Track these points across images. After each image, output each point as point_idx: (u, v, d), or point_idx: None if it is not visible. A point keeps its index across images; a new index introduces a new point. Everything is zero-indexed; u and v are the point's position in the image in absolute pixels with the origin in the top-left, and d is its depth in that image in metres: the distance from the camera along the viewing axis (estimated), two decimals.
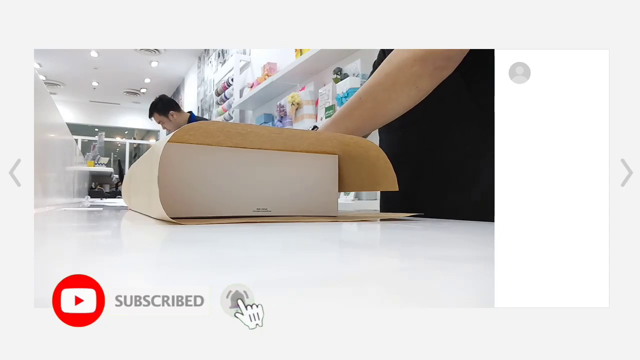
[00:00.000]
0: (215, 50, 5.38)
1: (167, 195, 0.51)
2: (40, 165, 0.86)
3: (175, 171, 0.52)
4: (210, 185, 0.55)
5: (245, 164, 0.58)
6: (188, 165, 0.53)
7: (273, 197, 0.60)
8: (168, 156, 0.51)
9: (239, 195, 0.57)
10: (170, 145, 0.52)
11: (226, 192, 0.56)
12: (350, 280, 0.20)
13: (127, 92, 8.49)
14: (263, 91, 3.24)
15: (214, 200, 0.55)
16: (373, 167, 0.65)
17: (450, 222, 0.60)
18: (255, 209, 0.58)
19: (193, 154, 0.54)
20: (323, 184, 0.65)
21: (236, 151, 0.57)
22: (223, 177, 0.56)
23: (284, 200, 0.61)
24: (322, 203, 0.64)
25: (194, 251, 0.28)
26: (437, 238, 0.41)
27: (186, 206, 0.53)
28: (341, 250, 0.32)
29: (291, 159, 0.62)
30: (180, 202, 0.53)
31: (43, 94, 0.96)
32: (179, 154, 0.53)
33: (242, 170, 0.58)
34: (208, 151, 0.55)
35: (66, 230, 0.43)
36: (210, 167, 0.55)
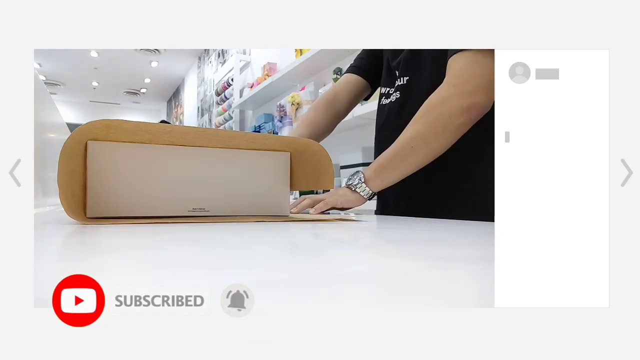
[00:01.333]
0: (215, 50, 5.38)
1: (95, 195, 0.49)
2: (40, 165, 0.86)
3: (101, 170, 0.50)
4: (140, 184, 0.52)
5: (178, 162, 0.55)
6: (114, 163, 0.51)
7: (212, 196, 0.57)
8: (93, 154, 0.50)
9: (172, 194, 0.54)
10: (94, 143, 0.50)
11: (157, 192, 0.53)
12: (350, 280, 0.20)
13: (127, 92, 8.49)
14: (263, 91, 3.24)
15: (144, 200, 0.52)
16: (317, 164, 0.63)
17: (450, 223, 0.60)
18: (190, 209, 0.55)
19: (120, 151, 0.51)
20: (272, 182, 0.62)
21: (168, 149, 0.54)
22: (153, 176, 0.53)
23: (226, 200, 0.58)
24: (271, 203, 0.61)
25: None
26: (437, 238, 0.41)
27: (115, 206, 0.51)
28: (333, 249, 0.32)
29: (234, 157, 0.59)
30: (106, 201, 0.50)
31: (43, 94, 0.96)
32: (103, 151, 0.50)
33: (175, 169, 0.55)
34: (137, 149, 0.52)
35: (66, 230, 0.43)
36: (139, 165, 0.52)
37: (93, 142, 0.50)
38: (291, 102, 2.67)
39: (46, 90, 1.06)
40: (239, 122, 4.10)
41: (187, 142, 0.56)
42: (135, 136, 0.52)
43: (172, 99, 8.55)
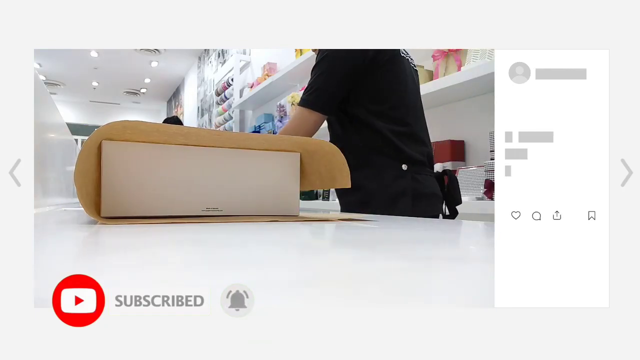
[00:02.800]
0: (215, 50, 5.38)
1: (110, 194, 0.49)
2: (40, 165, 0.86)
3: (116, 169, 0.51)
4: (154, 184, 0.53)
5: (192, 162, 0.55)
6: (129, 163, 0.51)
7: (225, 196, 0.57)
8: (107, 153, 0.50)
9: (185, 194, 0.54)
10: (107, 142, 0.50)
11: (171, 191, 0.53)
12: (350, 280, 0.20)
13: (127, 92, 8.49)
14: (263, 91, 3.24)
15: (158, 199, 0.53)
16: (330, 163, 0.63)
17: (450, 223, 0.60)
18: (204, 209, 0.56)
19: (134, 151, 0.52)
20: (283, 182, 0.62)
21: (183, 149, 0.55)
22: (168, 176, 0.54)
23: (238, 200, 0.58)
24: (281, 202, 0.62)
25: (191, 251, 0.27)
26: (437, 238, 0.41)
27: (129, 205, 0.51)
28: (334, 249, 0.32)
29: (246, 157, 0.59)
30: (123, 201, 0.50)
31: (43, 94, 0.96)
32: (117, 151, 0.51)
33: (189, 169, 0.55)
34: (152, 149, 0.53)
35: (66, 230, 0.43)
36: (154, 165, 0.53)
37: (107, 142, 0.50)
38: (291, 102, 2.67)
39: (46, 90, 1.06)
40: (238, 122, 4.10)
41: (202, 145, 0.56)
42: (150, 137, 0.52)
43: (172, 99, 8.55)
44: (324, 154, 0.63)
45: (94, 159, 0.50)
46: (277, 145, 0.61)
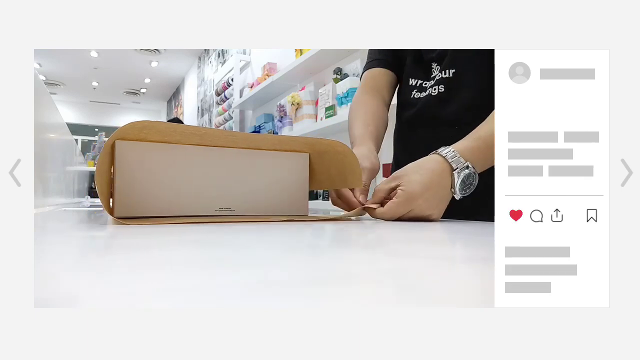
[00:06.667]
0: (215, 50, 5.38)
1: (123, 194, 0.50)
2: (40, 165, 0.86)
3: (131, 169, 0.51)
4: (167, 184, 0.53)
5: (205, 162, 0.55)
6: (144, 162, 0.51)
7: (237, 196, 0.57)
8: (120, 153, 0.50)
9: (199, 194, 0.55)
10: (121, 142, 0.50)
11: (184, 191, 0.54)
12: (351, 280, 0.20)
13: (127, 92, 8.49)
14: (263, 91, 3.24)
15: (171, 199, 0.53)
16: (341, 163, 0.63)
17: (450, 222, 0.60)
18: (217, 209, 0.56)
19: (149, 151, 0.52)
20: (292, 182, 0.62)
21: (196, 149, 0.55)
22: (181, 176, 0.54)
23: (250, 200, 0.59)
24: (291, 202, 0.62)
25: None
26: (437, 238, 0.41)
27: (142, 205, 0.51)
28: (334, 249, 0.32)
29: (258, 157, 0.60)
30: (136, 201, 0.51)
31: (43, 94, 0.96)
32: (130, 150, 0.51)
33: (202, 169, 0.55)
34: (165, 148, 0.53)
35: (67, 231, 0.43)
36: (167, 165, 0.53)
37: (120, 142, 0.50)
38: (291, 102, 2.67)
39: (46, 90, 1.06)
40: (238, 122, 4.10)
41: (216, 145, 0.57)
42: (165, 136, 0.52)
43: (172, 99, 8.55)
44: (334, 154, 0.63)
45: (108, 158, 0.50)
46: (288, 145, 0.62)
